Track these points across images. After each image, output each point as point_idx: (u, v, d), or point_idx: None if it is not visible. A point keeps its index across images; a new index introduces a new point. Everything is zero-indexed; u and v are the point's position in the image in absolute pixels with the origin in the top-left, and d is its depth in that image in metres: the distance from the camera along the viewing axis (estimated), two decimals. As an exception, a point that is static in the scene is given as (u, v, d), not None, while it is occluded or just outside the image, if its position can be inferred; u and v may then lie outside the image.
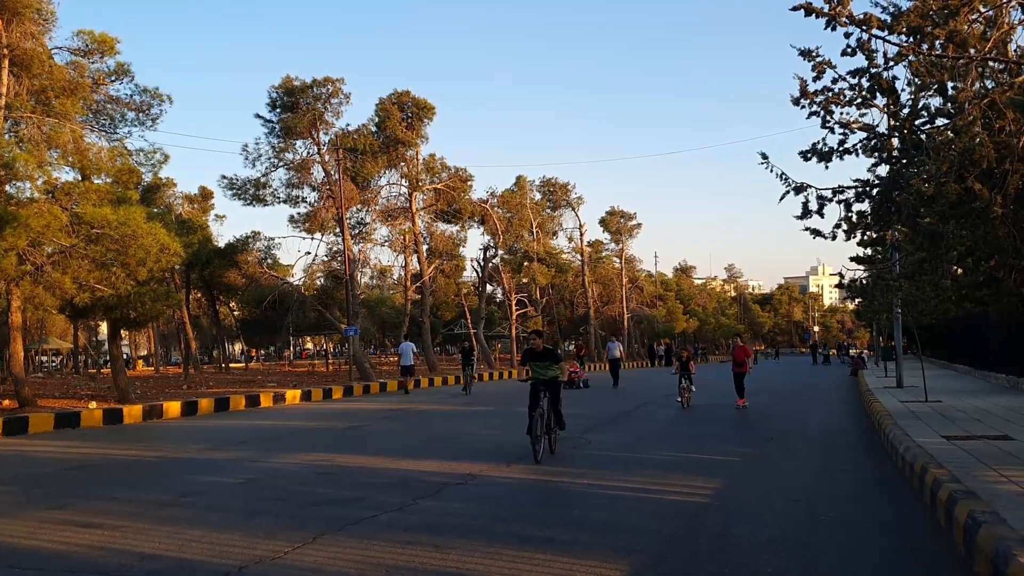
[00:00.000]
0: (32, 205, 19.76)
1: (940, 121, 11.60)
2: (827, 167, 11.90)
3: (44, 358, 68.14)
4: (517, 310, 55.99)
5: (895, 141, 11.78)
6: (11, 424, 17.37)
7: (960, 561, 6.32)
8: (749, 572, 6.01)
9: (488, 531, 7.38)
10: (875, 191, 11.84)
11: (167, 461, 12.86)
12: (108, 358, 27.80)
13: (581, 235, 67.63)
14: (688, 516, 7.94)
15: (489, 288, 61.95)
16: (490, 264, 56.47)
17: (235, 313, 59.78)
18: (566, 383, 27.58)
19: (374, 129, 41.00)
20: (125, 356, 70.39)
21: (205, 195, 52.24)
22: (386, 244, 45.69)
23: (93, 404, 21.84)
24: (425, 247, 46.35)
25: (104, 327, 36.72)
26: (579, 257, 68.74)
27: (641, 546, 6.74)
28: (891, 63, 11.43)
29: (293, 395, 27.06)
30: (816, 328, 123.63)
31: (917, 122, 11.67)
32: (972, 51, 9.62)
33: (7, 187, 20.20)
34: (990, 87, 10.74)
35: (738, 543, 6.87)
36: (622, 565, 6.20)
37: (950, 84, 10.80)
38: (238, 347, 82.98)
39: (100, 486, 10.38)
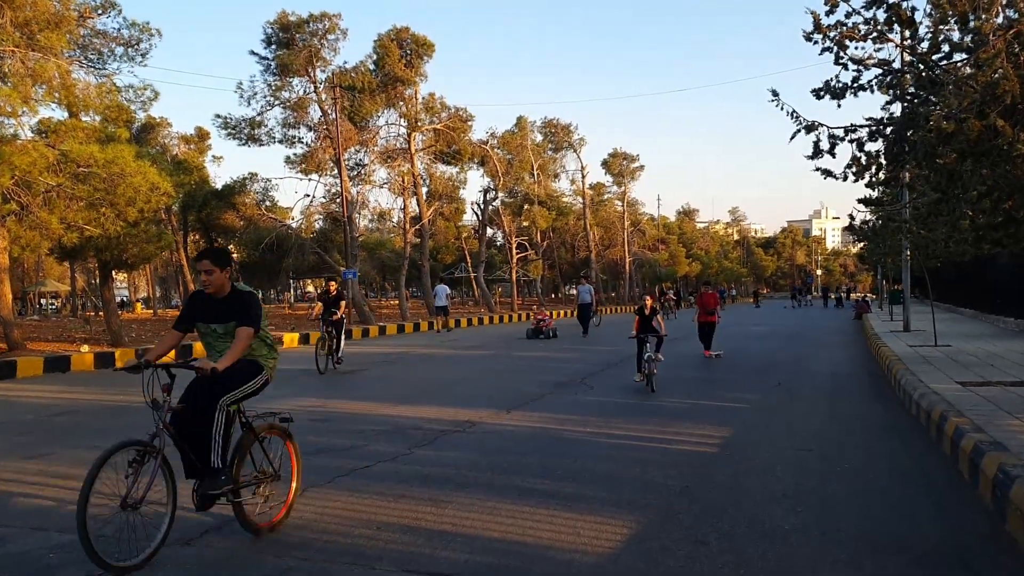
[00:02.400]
0: (16, 142, 19.12)
1: (958, 57, 11.03)
2: (839, 105, 11.36)
3: (44, 300, 67.86)
4: (518, 253, 55.52)
5: (910, 77, 11.22)
6: (-2, 368, 17.00)
7: (987, 515, 5.92)
8: (765, 529, 5.62)
9: (487, 483, 6.98)
10: (889, 130, 11.30)
11: (156, 407, 12.44)
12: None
13: (583, 177, 66.91)
14: (697, 467, 7.54)
15: (489, 231, 61.40)
16: (490, 207, 55.82)
17: (234, 255, 59.29)
18: (532, 331, 27.27)
19: (372, 67, 40.00)
20: (123, 299, 70.21)
21: (201, 136, 51.31)
22: (385, 186, 44.96)
23: (85, 348, 21.46)
24: (424, 189, 45.65)
25: (101, 270, 36.28)
26: (580, 200, 68.02)
27: (648, 500, 6.35)
28: (911, -8, 10.82)
29: (291, 338, 26.73)
30: (819, 271, 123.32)
31: (935, 57, 11.10)
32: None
33: (-9, 124, 19.57)
34: (1014, 18, 10.16)
35: (751, 496, 6.48)
36: (629, 521, 5.81)
37: (972, 15, 10.23)
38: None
39: (83, 434, 9.98)
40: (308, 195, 48.05)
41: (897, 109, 11.84)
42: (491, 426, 9.90)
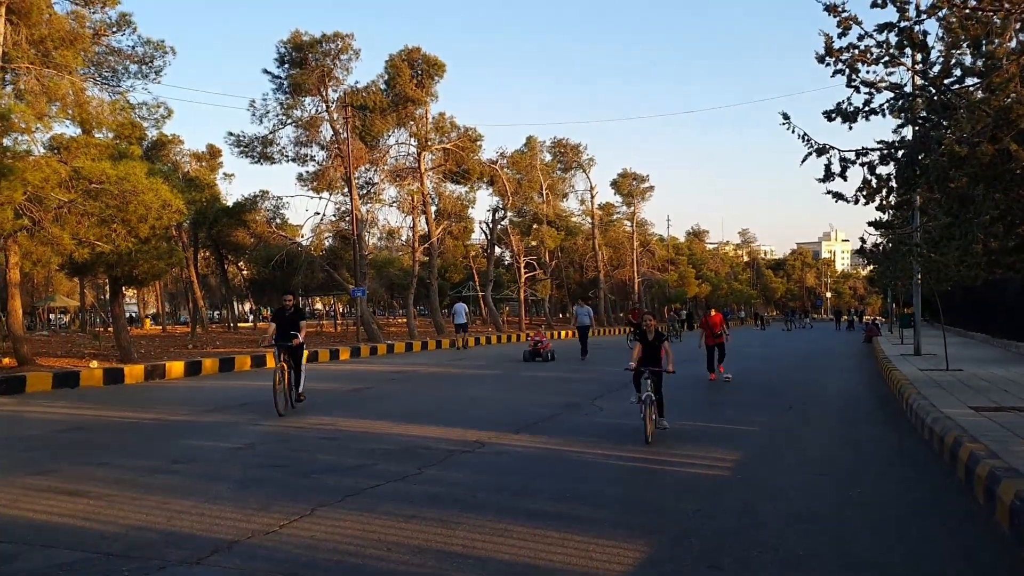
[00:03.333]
0: (29, 158, 19.22)
1: (970, 81, 11.02)
2: (851, 128, 11.35)
3: (53, 316, 68.04)
4: (526, 273, 55.50)
5: (921, 101, 11.21)
6: (7, 383, 16.98)
7: (1006, 544, 5.84)
8: (779, 554, 5.55)
9: (497, 505, 6.93)
10: (901, 153, 11.28)
11: (163, 424, 12.44)
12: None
13: (592, 197, 66.94)
14: (709, 491, 7.47)
15: (498, 251, 61.39)
16: (499, 226, 55.86)
17: (244, 272, 59.40)
18: (529, 353, 25.35)
19: (383, 86, 40.21)
20: (133, 315, 70.40)
21: (213, 153, 51.65)
22: (394, 204, 45.10)
23: (94, 363, 21.48)
24: (433, 208, 45.76)
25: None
26: (589, 220, 68.03)
27: (660, 524, 6.29)
28: (923, 16, 10.82)
29: (299, 356, 26.64)
30: (829, 294, 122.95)
31: (947, 81, 11.09)
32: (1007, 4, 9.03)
33: (4, 140, 19.66)
34: (1029, 42, 10.15)
35: (764, 521, 6.41)
36: (641, 545, 5.74)
37: (984, 40, 10.23)
38: (247, 306, 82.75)
39: (91, 450, 9.96)
40: (318, 213, 48.12)
41: (909, 133, 11.85)
42: (500, 447, 9.85)
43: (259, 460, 9.14)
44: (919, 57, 11.31)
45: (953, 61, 11.01)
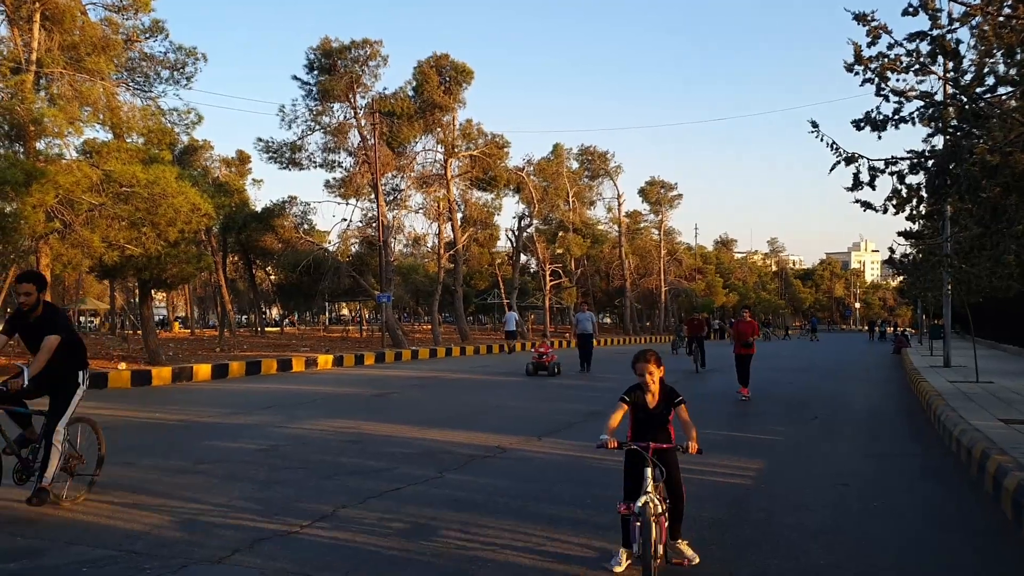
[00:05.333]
0: (61, 162, 19.53)
1: (1003, 89, 10.89)
2: (880, 137, 11.27)
3: (82, 318, 68.92)
4: (551, 281, 55.45)
5: (952, 110, 11.10)
6: (38, 383, 17.20)
7: (1033, 559, 5.74)
8: (799, 563, 5.51)
9: (518, 510, 6.93)
10: (930, 163, 11.16)
11: (190, 425, 12.56)
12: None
13: (619, 205, 66.78)
14: (731, 501, 7.42)
15: (523, 258, 61.44)
16: (525, 234, 55.91)
17: (271, 277, 59.87)
18: (532, 366, 22.30)
19: (411, 93, 40.44)
20: (161, 318, 71.12)
21: (243, 159, 52.10)
22: (420, 211, 45.29)
23: (123, 365, 21.73)
24: (459, 215, 45.90)
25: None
26: (616, 228, 67.88)
27: (682, 532, 6.23)
28: (956, 24, 10.72)
29: (325, 360, 26.85)
30: (857, 304, 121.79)
31: (979, 89, 10.96)
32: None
33: (37, 143, 19.99)
34: (1063, 51, 10.04)
35: (785, 532, 6.36)
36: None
37: (1018, 48, 10.12)
38: (275, 311, 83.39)
39: (117, 451, 10.03)
40: (345, 219, 48.64)
41: (939, 142, 11.72)
42: (522, 452, 9.84)
43: (283, 462, 9.19)
44: (951, 65, 11.22)
45: (986, 69, 10.91)
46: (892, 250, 17.76)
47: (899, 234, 17.33)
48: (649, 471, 5.24)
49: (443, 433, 11.32)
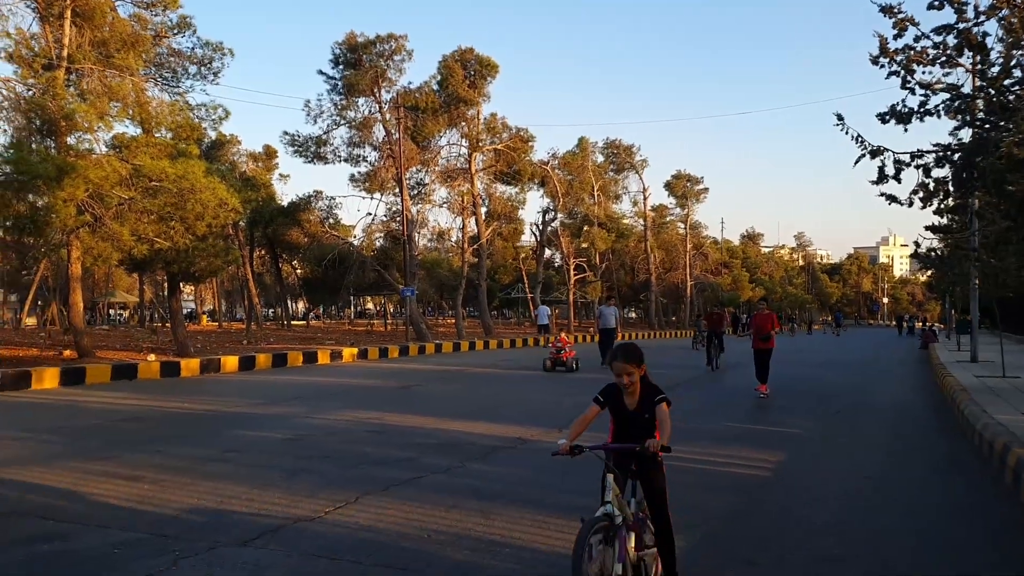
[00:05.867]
0: (91, 156, 19.86)
1: (1031, 82, 10.80)
2: (906, 130, 11.25)
3: (112, 311, 69.83)
4: (576, 275, 55.44)
5: (980, 103, 11.02)
6: (69, 374, 17.59)
7: (1050, 552, 5.76)
8: (815, 554, 5.56)
9: (536, 499, 7.03)
10: (956, 156, 11.09)
11: (217, 415, 12.79)
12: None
13: (644, 199, 66.62)
14: (748, 492, 7.48)
15: (548, 252, 61.44)
16: (549, 228, 55.91)
17: (297, 271, 60.37)
18: (549, 362, 21.70)
19: (436, 87, 40.57)
20: (190, 311, 71.89)
21: (269, 154, 52.54)
22: (444, 205, 45.50)
23: (152, 357, 22.08)
24: (484, 209, 46.00)
25: (168, 282, 37.26)
26: (642, 222, 67.71)
27: (697, 522, 6.31)
28: (982, 17, 10.65)
29: (350, 353, 27.10)
30: (885, 299, 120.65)
31: (1007, 82, 10.88)
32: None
33: (68, 138, 20.33)
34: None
35: (802, 523, 6.41)
36: (677, 541, 5.72)
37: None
38: (301, 305, 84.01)
39: (147, 439, 10.30)
40: (370, 213, 48.96)
41: (966, 135, 11.64)
42: (542, 444, 9.93)
43: (308, 451, 9.36)
44: (978, 58, 11.16)
45: (1013, 62, 10.84)
46: (918, 244, 17.61)
47: (927, 228, 17.19)
48: (610, 478, 4.39)
49: (465, 424, 11.45)
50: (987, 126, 10.84)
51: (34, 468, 8.23)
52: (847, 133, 10.95)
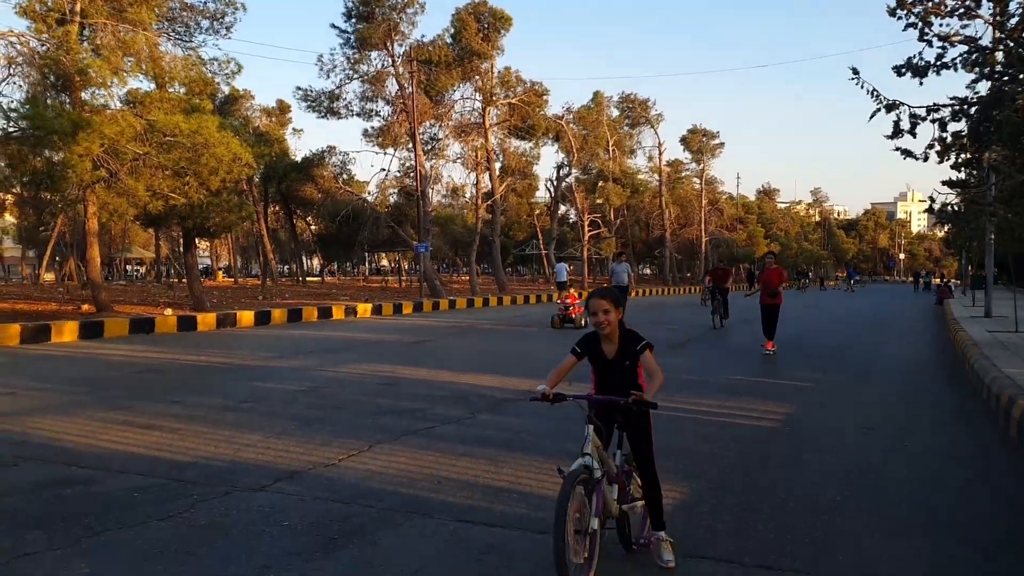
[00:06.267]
0: (106, 112, 19.93)
1: (1052, 33, 10.66)
2: (922, 83, 11.14)
3: (128, 267, 70.37)
4: (590, 231, 55.37)
5: (999, 55, 10.89)
6: (87, 328, 17.87)
7: (1049, 499, 5.86)
8: (816, 501, 5.68)
9: (544, 447, 7.18)
10: (973, 109, 10.99)
11: (233, 368, 13.01)
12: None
13: (660, 154, 66.22)
14: (754, 442, 7.60)
15: (562, 208, 61.33)
16: (563, 183, 55.75)
17: (312, 227, 60.55)
18: (558, 318, 21.42)
19: (449, 40, 40.30)
20: (205, 267, 72.35)
21: (283, 108, 52.36)
22: (458, 161, 45.46)
23: (169, 311, 22.35)
24: (498, 164, 45.87)
25: (184, 238, 37.48)
26: (657, 177, 67.37)
27: (703, 471, 6.45)
28: (1002, -32, 10.50)
29: (364, 309, 27.31)
30: (902, 255, 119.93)
31: (1026, 34, 10.74)
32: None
33: (83, 93, 20.38)
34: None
35: (806, 472, 6.52)
36: (682, 488, 5.92)
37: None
38: (315, 262, 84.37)
39: (165, 390, 10.51)
40: (383, 169, 49.12)
41: (983, 88, 11.51)
42: (552, 396, 10.07)
43: (322, 402, 9.54)
44: (997, 9, 11.01)
45: (1034, 12, 10.69)
46: (932, 199, 17.48)
47: (943, 183, 17.04)
48: (590, 428, 4.21)
49: (476, 378, 11.60)
50: (1005, 79, 10.73)
51: (55, 417, 8.44)
52: (862, 87, 10.87)
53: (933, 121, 11.14)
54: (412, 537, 4.84)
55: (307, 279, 58.63)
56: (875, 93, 10.90)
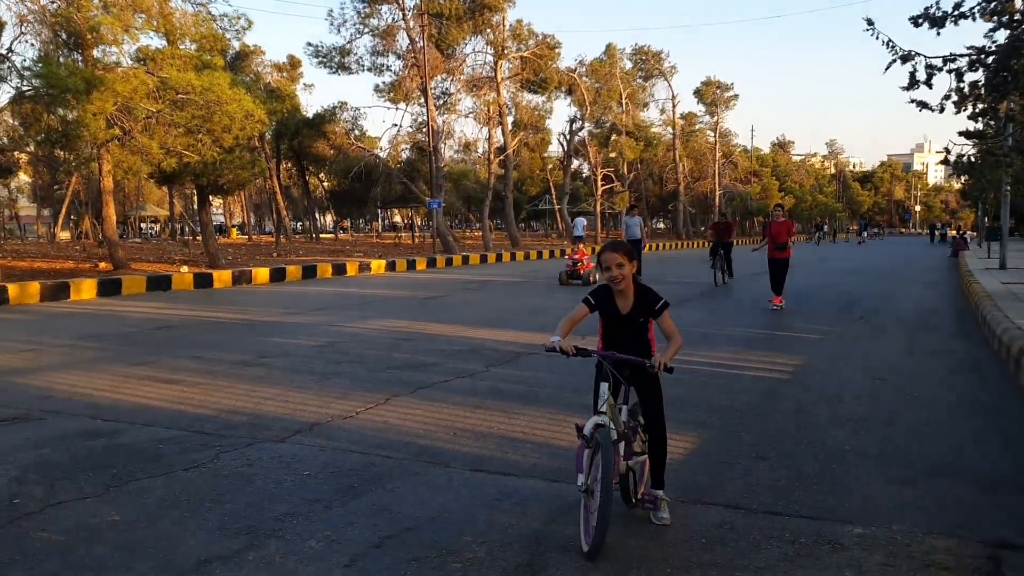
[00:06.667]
0: (118, 70, 19.95)
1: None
2: (939, 34, 11.04)
3: (144, 225, 70.72)
4: (603, 185, 55.15)
5: (1018, 3, 10.76)
6: (105, 285, 18.10)
7: (1055, 447, 5.94)
8: (825, 449, 5.79)
9: (557, 400, 7.31)
10: (991, 59, 10.87)
11: (251, 323, 13.19)
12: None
13: (673, 107, 65.65)
14: (765, 393, 7.70)
15: (575, 163, 61.01)
16: (576, 137, 55.40)
17: (325, 184, 60.57)
18: (566, 274, 21.06)
19: (460, -8, 39.84)
20: (219, 224, 72.58)
21: (293, 64, 52.12)
22: (470, 115, 45.14)
23: (185, 268, 22.55)
24: (510, 119, 45.61)
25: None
26: (670, 130, 66.84)
27: (712, 421, 6.57)
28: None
29: (378, 265, 27.46)
30: (918, 207, 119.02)
31: (1047, -20, 10.60)
32: None
33: (94, 51, 20.38)
34: None
35: (815, 421, 6.63)
36: (692, 438, 6.04)
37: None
38: (329, 218, 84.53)
39: (184, 345, 10.70)
40: (395, 124, 48.97)
41: (1001, 37, 11.38)
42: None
43: (339, 356, 9.70)
44: (1017, -45, 10.85)
45: (1056, -42, 10.54)
46: (947, 150, 17.33)
47: (960, 134, 16.88)
48: (605, 386, 4.22)
49: (490, 332, 11.74)
50: (1023, 28, 10.62)
51: (79, 373, 8.63)
52: (877, 38, 10.77)
53: (950, 72, 11.03)
54: (429, 485, 4.98)
55: (320, 236, 58.81)
56: (891, 44, 10.80)
